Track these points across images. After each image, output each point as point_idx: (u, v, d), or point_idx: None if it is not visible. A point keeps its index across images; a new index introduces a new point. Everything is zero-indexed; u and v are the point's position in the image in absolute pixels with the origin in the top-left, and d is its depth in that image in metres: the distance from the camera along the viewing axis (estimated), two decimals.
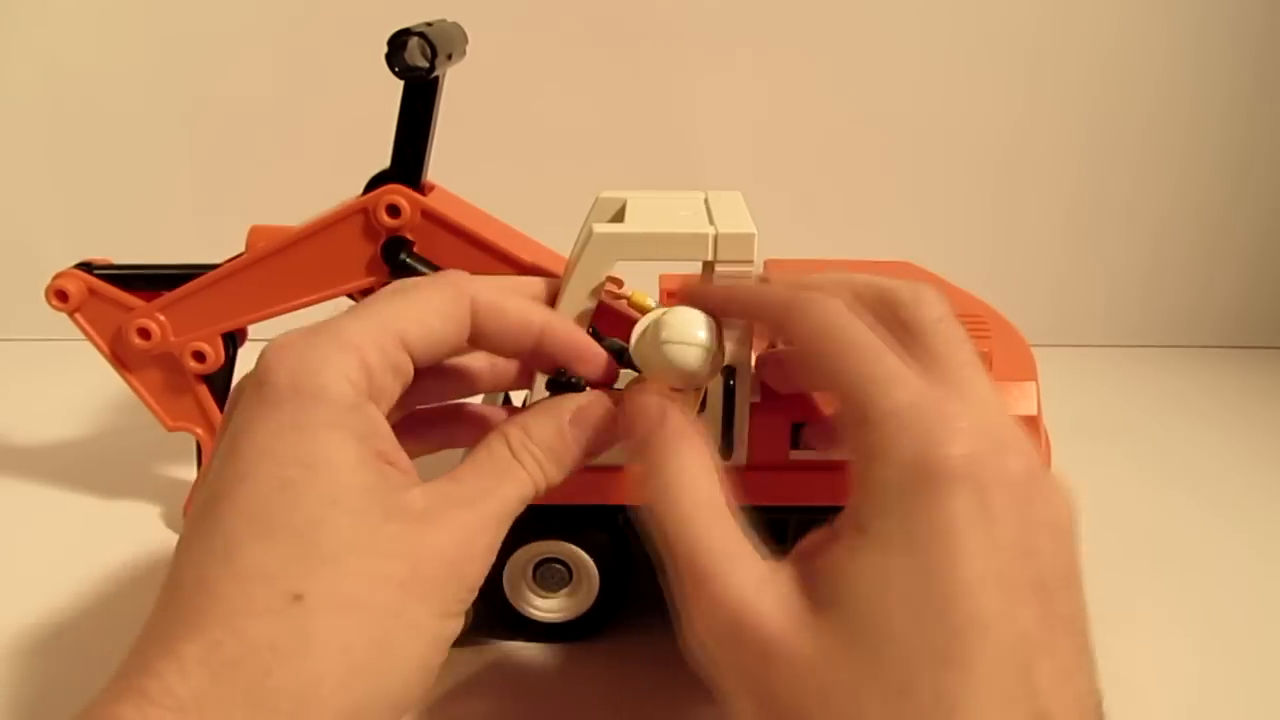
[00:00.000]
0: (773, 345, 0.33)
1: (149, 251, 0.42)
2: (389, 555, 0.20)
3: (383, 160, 0.39)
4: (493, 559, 0.22)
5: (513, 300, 0.25)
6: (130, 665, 0.19)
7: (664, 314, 0.27)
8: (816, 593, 0.20)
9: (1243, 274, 0.70)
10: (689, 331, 0.26)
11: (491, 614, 0.35)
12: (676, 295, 0.27)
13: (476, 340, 0.25)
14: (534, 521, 0.34)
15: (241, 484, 0.20)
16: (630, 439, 0.24)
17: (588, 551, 0.35)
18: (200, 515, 0.20)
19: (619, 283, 0.28)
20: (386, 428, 0.22)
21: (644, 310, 0.28)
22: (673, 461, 0.23)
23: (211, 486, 0.20)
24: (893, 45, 0.64)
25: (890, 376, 0.21)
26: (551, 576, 0.35)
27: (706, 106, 0.65)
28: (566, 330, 0.26)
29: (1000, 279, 0.48)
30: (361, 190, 0.39)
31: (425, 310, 0.23)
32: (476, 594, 0.22)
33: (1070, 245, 0.70)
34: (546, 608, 0.36)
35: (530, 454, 0.24)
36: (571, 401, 0.25)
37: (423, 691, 0.21)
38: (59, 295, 0.40)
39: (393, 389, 0.23)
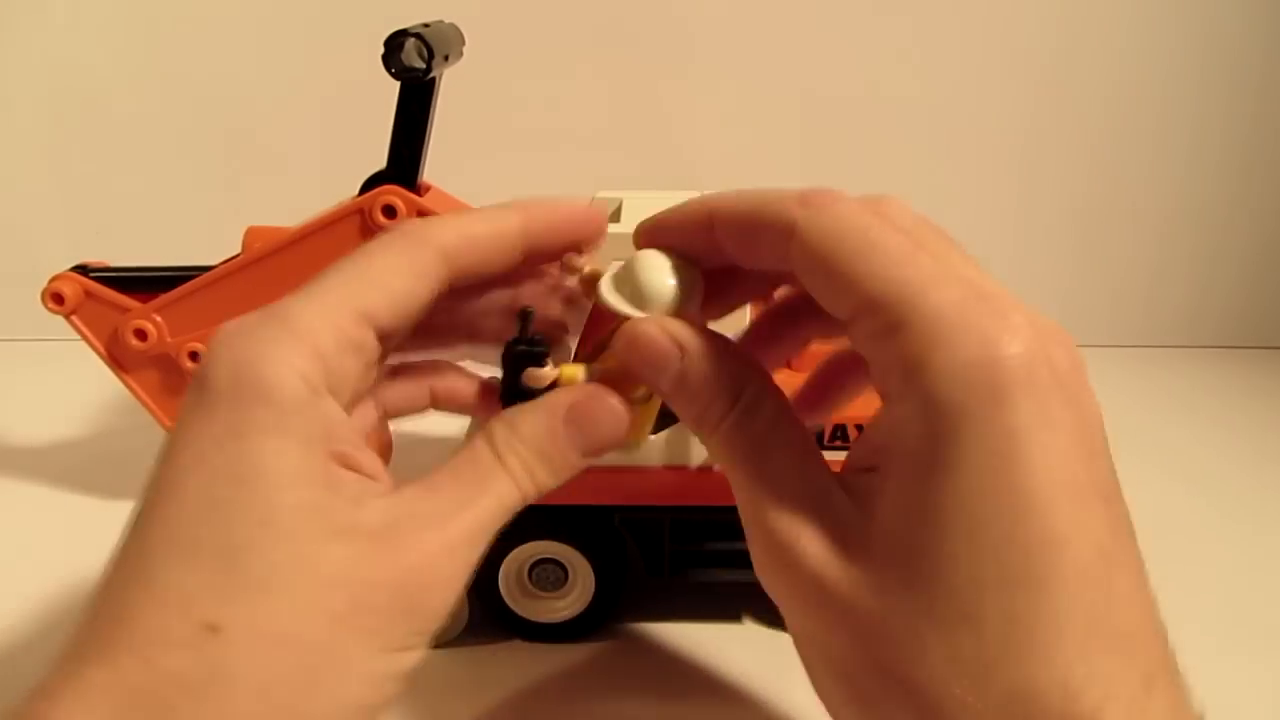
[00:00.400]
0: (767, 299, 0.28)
1: (147, 252, 0.42)
2: (325, 584, 0.18)
3: (379, 161, 0.39)
4: (463, 583, 0.20)
5: (477, 223, 0.22)
6: (41, 687, 0.17)
7: (631, 258, 0.23)
8: (861, 523, 0.19)
9: (1245, 274, 0.70)
10: (661, 260, 0.23)
11: (487, 614, 0.35)
12: (649, 226, 0.24)
13: (461, 283, 0.22)
14: (529, 522, 0.34)
15: (168, 499, 0.18)
16: (653, 381, 0.22)
17: (583, 552, 0.35)
18: (129, 529, 0.19)
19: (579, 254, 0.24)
20: (346, 425, 0.20)
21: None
22: (701, 398, 0.21)
23: (142, 498, 0.19)
24: (898, 46, 0.64)
25: (931, 275, 0.18)
26: (547, 577, 0.35)
27: (703, 106, 0.65)
28: (544, 206, 0.22)
29: (1004, 279, 0.48)
30: (357, 191, 0.39)
31: (384, 273, 0.21)
32: (442, 621, 0.19)
33: (1074, 246, 0.69)
34: (542, 608, 0.36)
35: (517, 455, 0.21)
36: (567, 395, 0.22)
37: (392, 695, 0.19)
38: (55, 298, 0.40)
39: (355, 371, 0.20)
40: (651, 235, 0.23)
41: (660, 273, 0.22)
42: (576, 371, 0.22)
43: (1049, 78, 0.65)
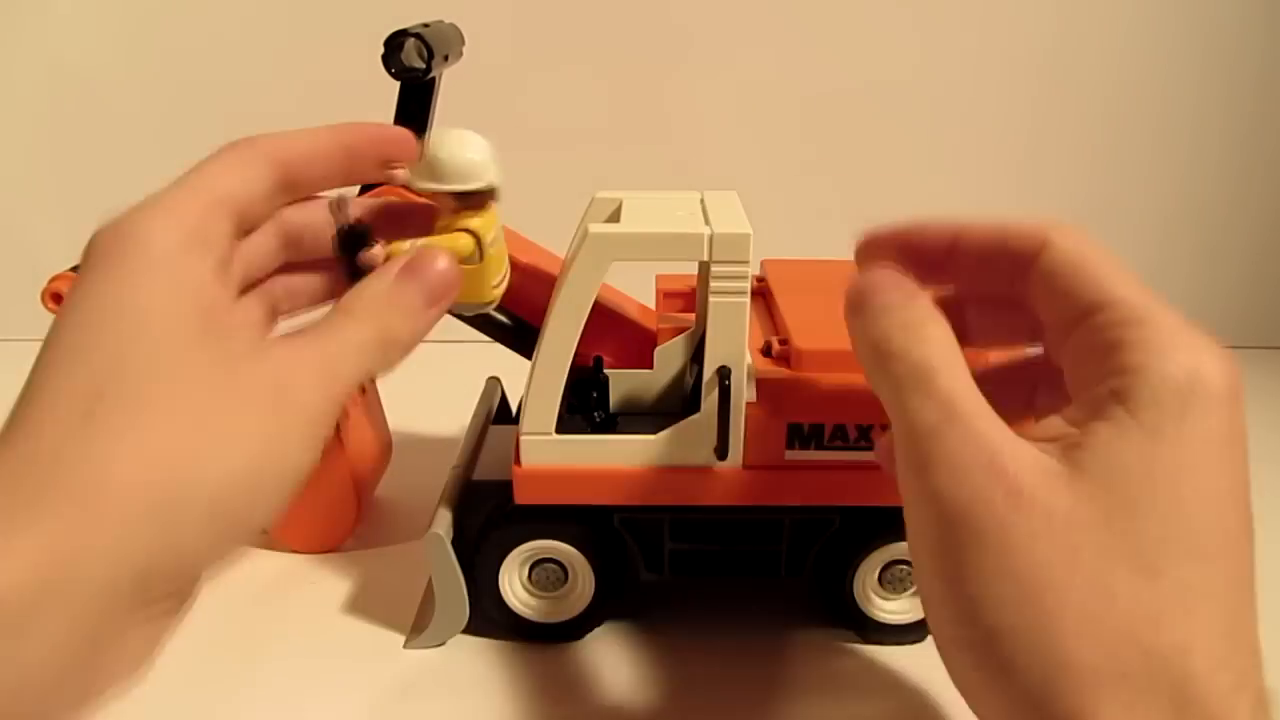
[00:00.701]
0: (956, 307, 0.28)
1: None
2: (200, 376, 0.21)
3: None
4: (329, 398, 0.23)
5: (296, 134, 0.26)
6: None
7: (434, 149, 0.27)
8: (1073, 458, 0.21)
9: (1245, 274, 0.70)
10: (459, 134, 0.28)
11: (487, 615, 0.35)
12: (890, 237, 0.27)
13: (292, 185, 0.26)
14: (529, 522, 0.34)
15: (54, 333, 0.21)
16: (872, 312, 0.24)
17: (583, 552, 0.35)
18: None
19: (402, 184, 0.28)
20: (214, 278, 0.22)
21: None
22: (931, 335, 0.23)
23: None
24: (898, 46, 0.64)
25: (1158, 300, 0.22)
26: (547, 577, 0.35)
27: (703, 106, 0.65)
28: (359, 125, 0.27)
29: None
30: (357, 192, 0.39)
31: (232, 170, 0.24)
32: (316, 424, 0.22)
33: None
34: (542, 608, 0.36)
35: (366, 309, 0.24)
36: (400, 258, 0.26)
37: (278, 482, 0.21)
38: (55, 298, 0.40)
39: (224, 245, 0.23)
40: (897, 245, 0.27)
41: (467, 146, 0.28)
42: (404, 244, 0.26)
43: (1048, 77, 0.65)
